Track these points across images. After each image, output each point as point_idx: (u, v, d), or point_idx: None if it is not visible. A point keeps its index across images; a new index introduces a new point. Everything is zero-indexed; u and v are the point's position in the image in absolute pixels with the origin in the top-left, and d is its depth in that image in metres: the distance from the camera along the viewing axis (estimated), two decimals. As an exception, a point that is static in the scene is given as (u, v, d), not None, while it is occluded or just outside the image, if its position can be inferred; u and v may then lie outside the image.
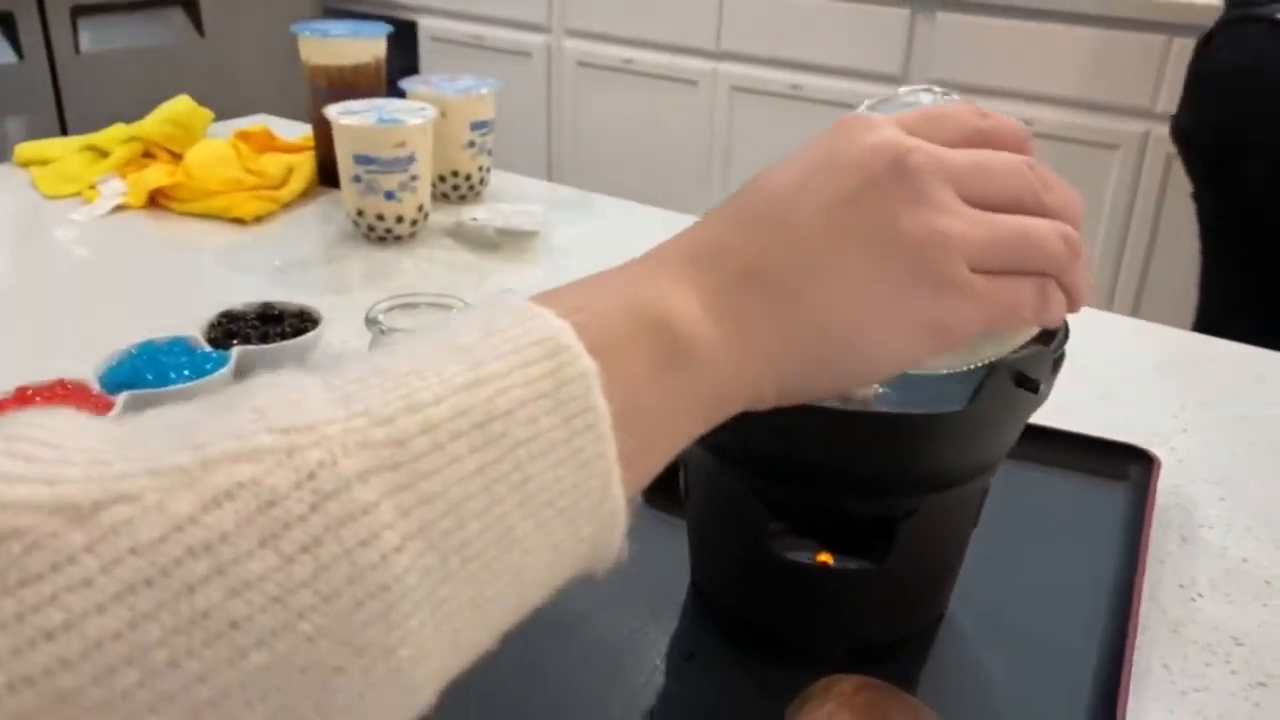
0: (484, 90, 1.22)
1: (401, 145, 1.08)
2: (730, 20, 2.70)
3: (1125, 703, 0.53)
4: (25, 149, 1.30)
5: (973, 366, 0.44)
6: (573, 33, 2.97)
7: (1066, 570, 0.65)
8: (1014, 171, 0.39)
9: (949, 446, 0.50)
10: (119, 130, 1.29)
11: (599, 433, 0.30)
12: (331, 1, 3.19)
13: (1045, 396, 0.53)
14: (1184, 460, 0.79)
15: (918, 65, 2.48)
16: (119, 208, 1.19)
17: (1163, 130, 2.22)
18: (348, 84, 1.20)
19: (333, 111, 1.09)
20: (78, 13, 2.51)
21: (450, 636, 0.28)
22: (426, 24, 3.17)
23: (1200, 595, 0.64)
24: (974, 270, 0.37)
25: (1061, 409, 0.83)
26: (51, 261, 1.11)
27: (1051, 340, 0.54)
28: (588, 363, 0.31)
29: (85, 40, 2.54)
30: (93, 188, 1.22)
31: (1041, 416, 0.78)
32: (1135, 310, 2.33)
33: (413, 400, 0.28)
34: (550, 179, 2.10)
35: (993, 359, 0.44)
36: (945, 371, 0.43)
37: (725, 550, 0.59)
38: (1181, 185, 2.25)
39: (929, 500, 0.52)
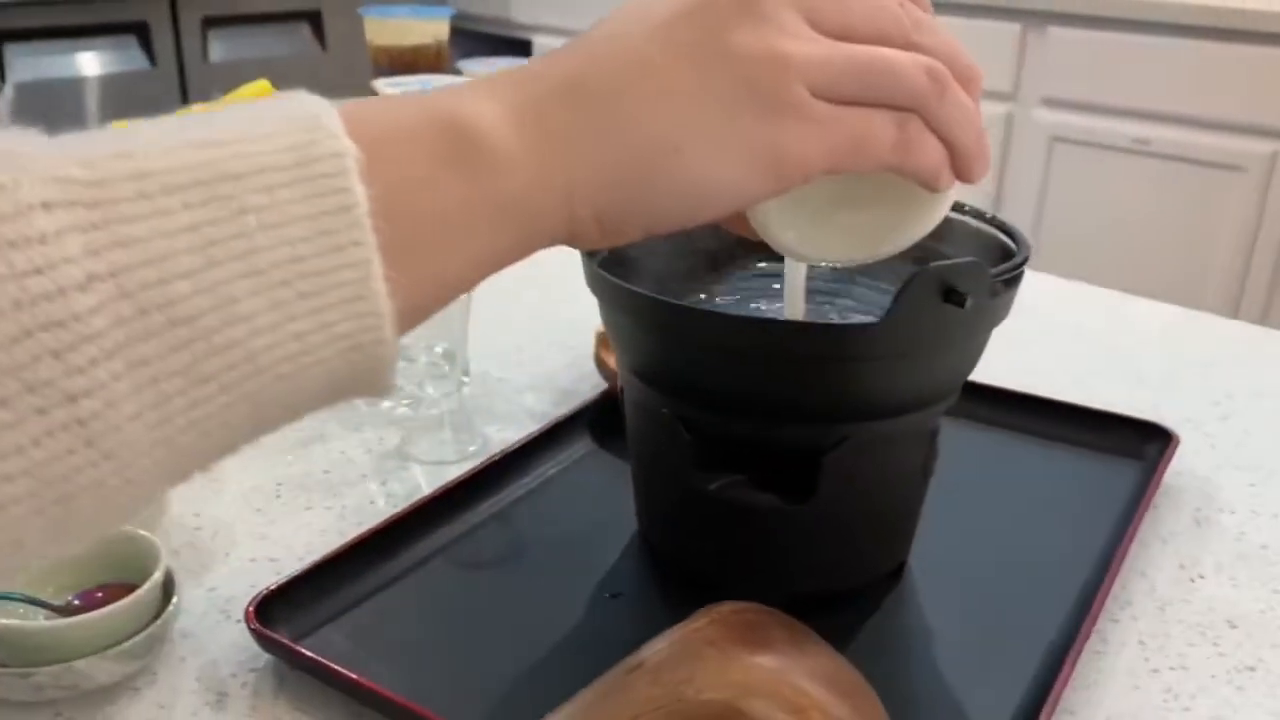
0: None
1: (444, 118, 1.09)
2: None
3: (1068, 673, 0.47)
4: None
5: (871, 260, 0.41)
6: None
7: (1056, 542, 0.60)
8: (877, 4, 0.35)
9: (871, 366, 0.46)
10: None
11: (353, 218, 0.28)
12: (456, 22, 3.29)
13: (995, 318, 0.49)
14: (1217, 446, 0.72)
15: (1029, 80, 2.39)
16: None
17: (1293, 151, 2.08)
18: (407, 64, 1.23)
19: (380, 83, 1.11)
20: (208, 24, 2.65)
21: (162, 408, 0.26)
22: (541, 42, 3.23)
23: (1202, 576, 0.58)
24: (819, 96, 0.34)
25: (1092, 391, 0.78)
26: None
27: (1003, 258, 0.50)
28: (347, 144, 0.28)
29: (214, 50, 2.68)
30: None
31: (1067, 395, 0.73)
32: (1264, 322, 2.17)
33: (127, 148, 0.26)
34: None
35: (891, 252, 0.41)
36: (841, 265, 0.40)
37: (654, 483, 0.56)
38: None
39: (859, 432, 0.48)
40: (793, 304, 0.49)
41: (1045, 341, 0.87)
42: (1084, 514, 0.62)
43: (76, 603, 0.50)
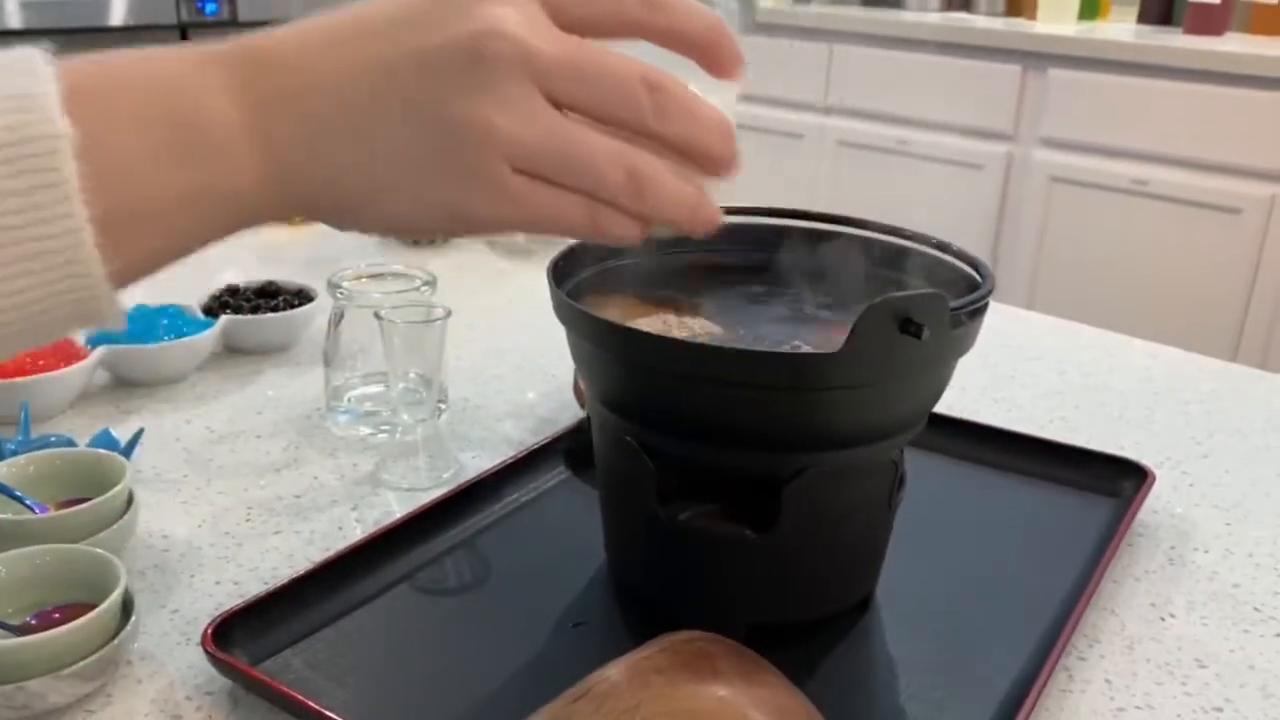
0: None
1: (436, 149, 1.10)
2: (838, 75, 2.69)
3: (1029, 710, 0.47)
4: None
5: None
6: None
7: (1027, 578, 0.59)
8: (618, 86, 0.35)
9: (829, 395, 0.46)
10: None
11: (62, 193, 0.31)
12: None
13: (956, 350, 0.49)
14: (1195, 484, 0.71)
15: (1028, 121, 2.41)
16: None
17: (1291, 193, 2.09)
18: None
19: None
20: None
21: None
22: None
23: (1173, 615, 0.58)
24: (520, 171, 0.35)
25: (1074, 427, 0.78)
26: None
27: (970, 289, 0.50)
28: (60, 127, 0.31)
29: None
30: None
31: (1048, 432, 0.73)
32: (1264, 364, 2.16)
33: None
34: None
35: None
36: None
37: (619, 511, 0.56)
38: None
39: (819, 461, 0.48)
40: None
41: (1030, 378, 0.87)
42: (1057, 550, 0.62)
43: (34, 623, 0.50)
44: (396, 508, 0.65)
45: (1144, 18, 2.55)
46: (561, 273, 0.54)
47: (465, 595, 0.58)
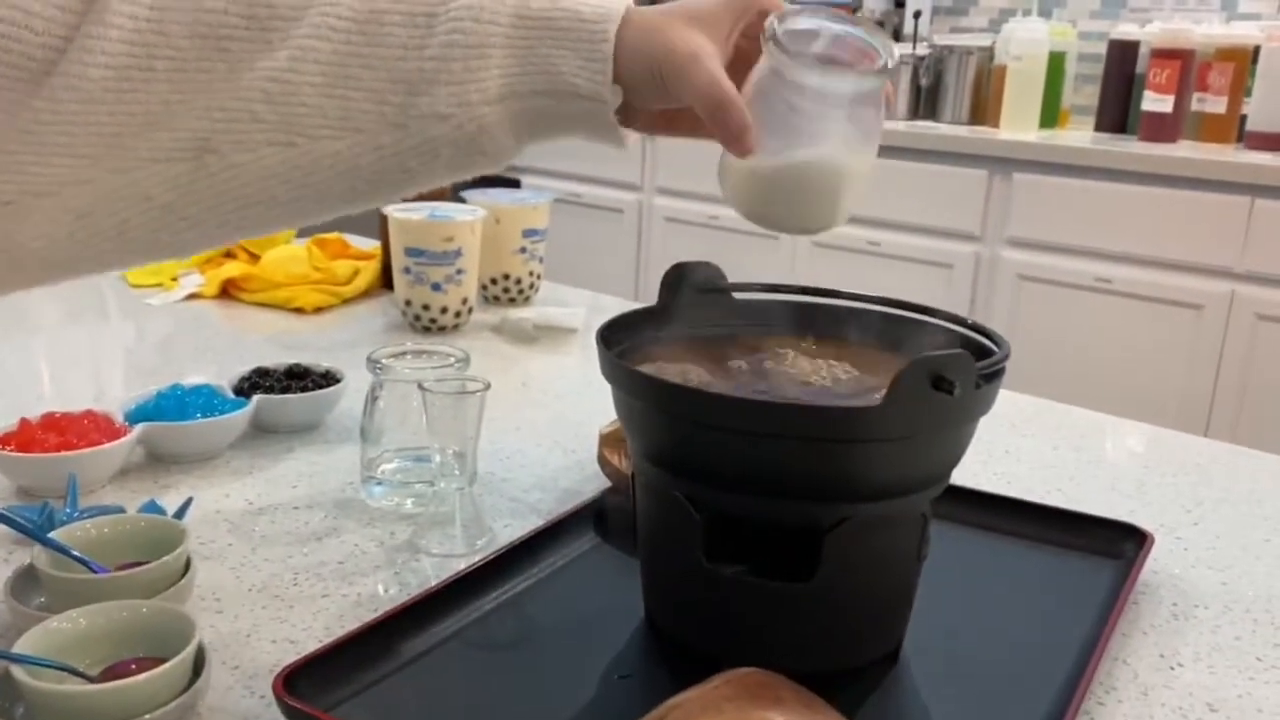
0: (538, 200, 1.30)
1: (450, 240, 1.15)
2: (813, 180, 2.80)
3: (1062, 742, 0.50)
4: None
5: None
6: (663, 191, 3.11)
7: (1042, 632, 0.63)
8: None
9: (869, 448, 0.50)
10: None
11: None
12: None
13: (980, 409, 0.54)
14: (1190, 548, 0.76)
15: (995, 222, 2.51)
16: (192, 296, 1.28)
17: (1249, 291, 2.19)
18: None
19: (391, 208, 1.17)
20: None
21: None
22: (529, 182, 3.36)
23: (1181, 665, 0.61)
24: None
25: (1071, 498, 0.82)
26: (121, 331, 1.20)
27: (986, 351, 0.55)
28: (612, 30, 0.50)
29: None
30: (174, 279, 1.32)
31: (1047, 502, 0.77)
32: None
33: None
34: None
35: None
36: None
37: (662, 564, 0.59)
38: (1272, 347, 2.19)
39: (858, 512, 0.52)
40: None
41: (1025, 453, 0.91)
42: (1067, 607, 0.66)
43: (110, 673, 0.52)
44: (434, 574, 0.68)
45: (1100, 126, 2.69)
46: (609, 340, 0.58)
47: (513, 651, 0.61)
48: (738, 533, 0.55)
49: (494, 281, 1.31)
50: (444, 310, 1.17)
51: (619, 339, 0.60)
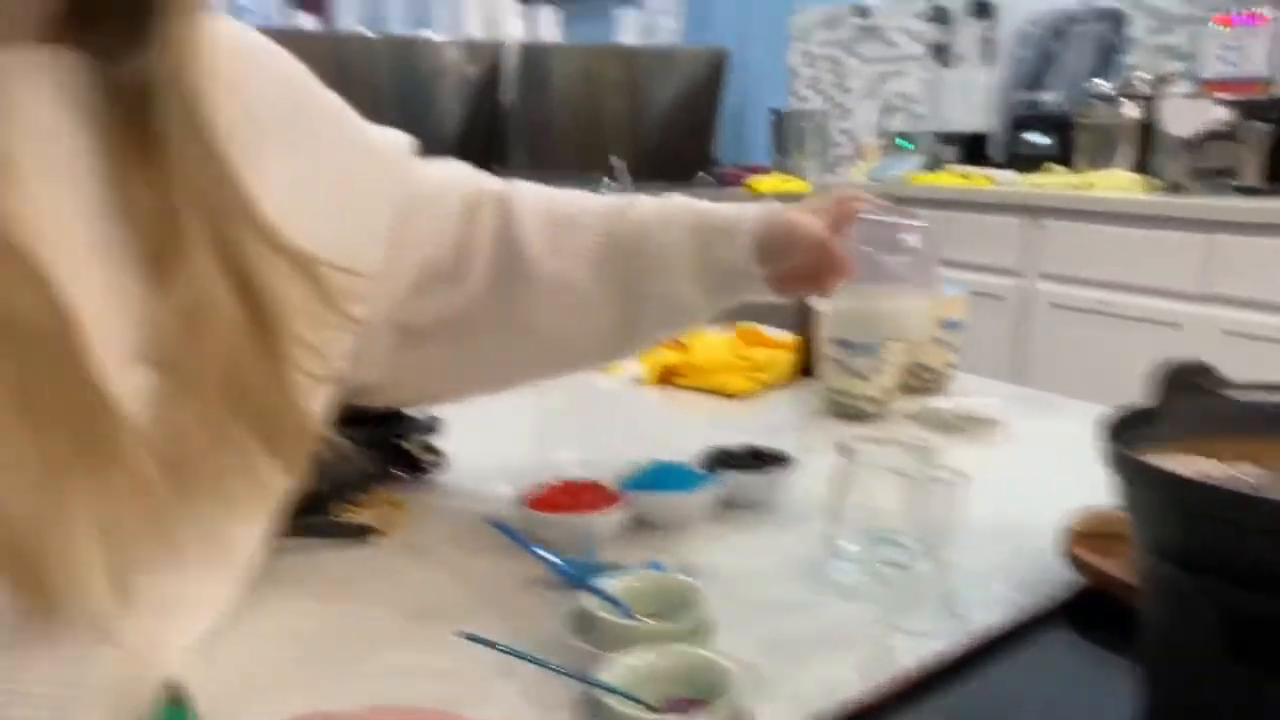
0: (955, 292, 1.33)
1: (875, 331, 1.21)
2: None
3: None
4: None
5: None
6: (1045, 276, 3.03)
7: None
8: None
9: None
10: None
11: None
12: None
13: None
14: None
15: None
16: (635, 381, 1.43)
17: None
18: (832, 285, 1.37)
19: (817, 300, 1.25)
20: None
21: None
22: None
23: None
24: None
25: None
26: (591, 412, 1.36)
27: None
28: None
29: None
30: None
31: None
32: None
33: None
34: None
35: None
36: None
37: (1172, 667, 0.59)
38: None
39: None
40: None
41: None
42: None
43: (669, 710, 0.60)
44: (906, 651, 0.72)
45: None
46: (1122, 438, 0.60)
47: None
48: (1268, 632, 0.55)
49: (909, 371, 1.35)
50: (869, 399, 1.23)
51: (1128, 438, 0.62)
